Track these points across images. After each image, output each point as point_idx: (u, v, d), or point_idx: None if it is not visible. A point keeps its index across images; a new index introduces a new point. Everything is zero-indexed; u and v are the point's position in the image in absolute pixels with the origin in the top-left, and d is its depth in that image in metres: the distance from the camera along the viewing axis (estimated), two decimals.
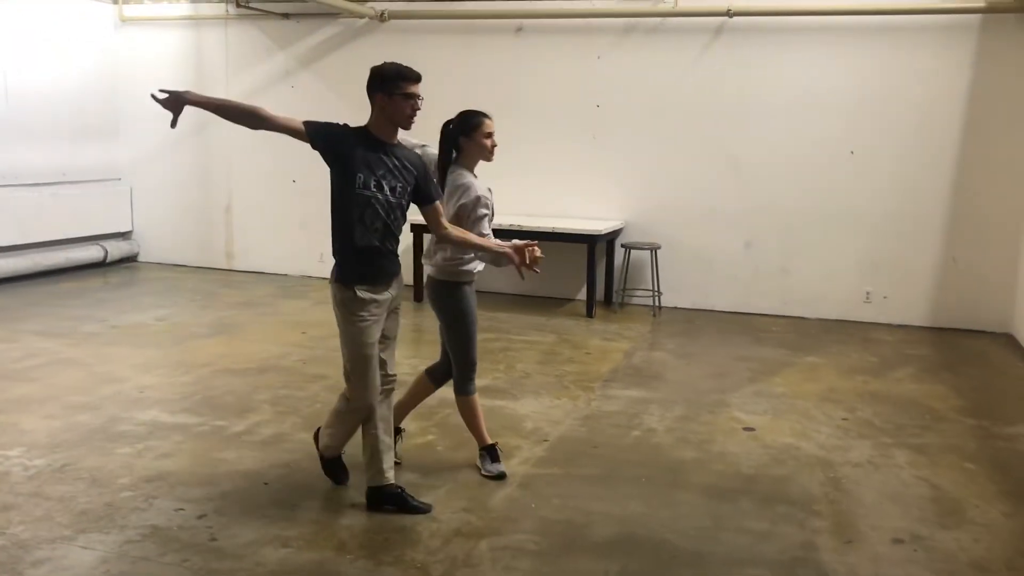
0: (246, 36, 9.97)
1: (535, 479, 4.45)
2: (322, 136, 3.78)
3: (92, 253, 10.06)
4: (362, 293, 3.84)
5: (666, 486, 4.42)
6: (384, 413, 4.06)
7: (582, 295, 8.79)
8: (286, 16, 9.72)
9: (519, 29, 9.01)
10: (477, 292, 4.55)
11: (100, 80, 10.28)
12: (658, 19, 8.57)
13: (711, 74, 8.48)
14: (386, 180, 3.85)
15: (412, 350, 6.78)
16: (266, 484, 4.29)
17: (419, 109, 3.93)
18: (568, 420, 5.36)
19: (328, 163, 3.85)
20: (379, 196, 3.83)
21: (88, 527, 3.79)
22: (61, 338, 7.00)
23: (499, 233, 8.65)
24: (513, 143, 9.11)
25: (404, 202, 3.95)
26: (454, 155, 4.47)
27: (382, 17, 9.32)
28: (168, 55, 10.35)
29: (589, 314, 8.32)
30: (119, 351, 6.68)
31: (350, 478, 4.28)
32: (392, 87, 3.85)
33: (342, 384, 4.07)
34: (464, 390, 4.46)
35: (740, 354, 7.09)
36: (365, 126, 3.91)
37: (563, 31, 8.87)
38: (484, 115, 4.45)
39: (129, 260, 10.63)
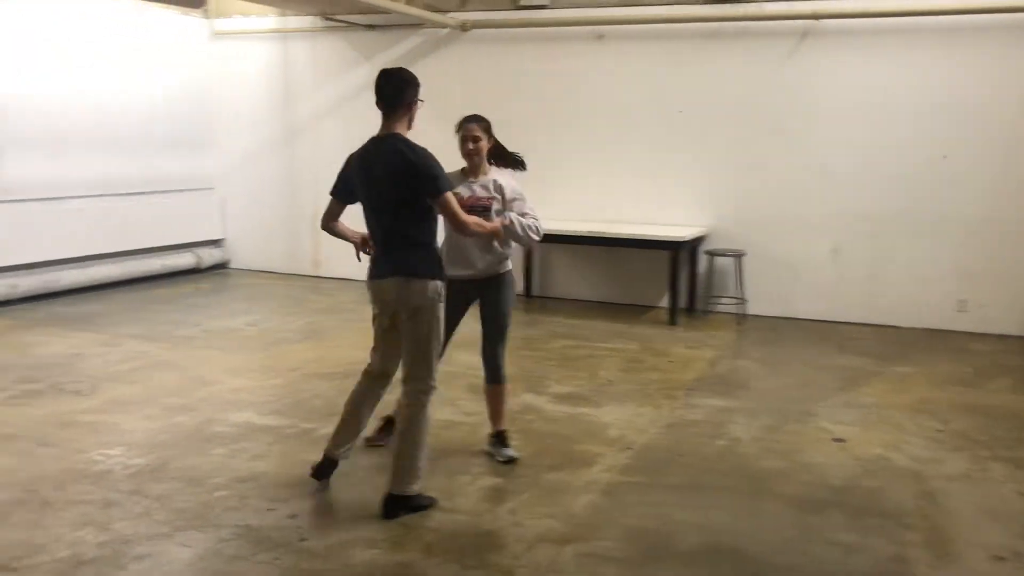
0: (333, 47, 10.20)
1: (619, 487, 4.44)
2: None
3: (186, 260, 10.41)
4: (443, 283, 4.08)
5: (752, 496, 4.36)
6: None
7: (665, 302, 8.72)
8: (371, 27, 9.91)
9: (600, 36, 9.00)
10: (557, 298, 4.54)
11: (193, 92, 10.63)
12: (742, 24, 8.47)
13: (797, 78, 8.34)
14: None
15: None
16: (353, 486, 4.38)
17: None
18: (652, 428, 5.33)
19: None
20: None
21: (185, 525, 3.93)
22: (158, 342, 7.26)
23: (581, 240, 8.69)
24: (595, 150, 9.15)
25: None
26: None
27: (464, 27, 9.43)
28: (258, 67, 10.65)
29: (672, 322, 8.25)
30: (212, 355, 6.90)
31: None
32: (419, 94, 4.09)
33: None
34: None
35: (827, 363, 6.95)
36: (405, 136, 4.01)
37: (645, 37, 8.84)
38: (468, 120, 4.69)
39: (221, 267, 10.96)
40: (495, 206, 4.62)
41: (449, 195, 3.96)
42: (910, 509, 4.22)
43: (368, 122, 4.22)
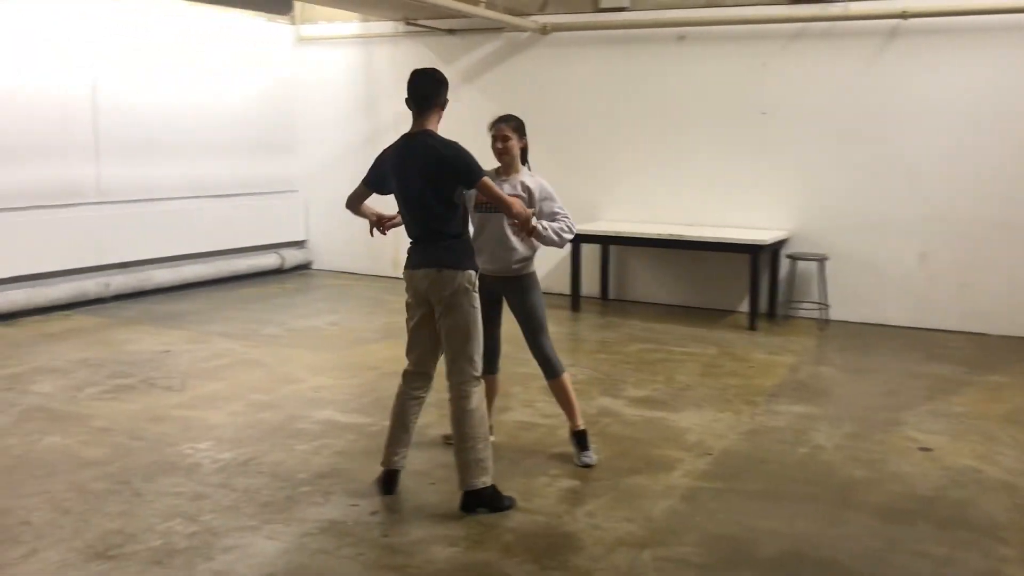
0: (413, 52, 10.32)
1: (698, 492, 4.40)
2: None
3: (270, 260, 10.67)
4: (476, 273, 4.20)
5: (836, 505, 4.28)
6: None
7: (744, 307, 8.60)
8: (451, 32, 10.01)
9: (682, 37, 8.93)
10: (635, 302, 4.51)
11: (279, 97, 10.89)
12: (828, 23, 8.31)
13: (884, 78, 8.14)
14: None
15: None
16: (432, 484, 4.44)
17: None
18: (732, 434, 5.27)
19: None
20: None
21: (271, 518, 4.03)
22: (244, 340, 7.46)
23: (659, 243, 8.63)
24: (675, 151, 9.08)
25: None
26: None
27: (544, 30, 9.45)
28: (341, 72, 10.85)
29: (752, 326, 8.13)
30: (296, 353, 7.06)
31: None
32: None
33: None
34: None
35: (915, 371, 6.77)
36: (435, 132, 4.19)
37: (727, 38, 8.73)
38: (499, 120, 4.80)
39: (304, 267, 11.20)
40: None
41: (486, 179, 4.11)
42: (1003, 522, 4.09)
43: (446, 124, 4.28)
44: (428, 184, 4.08)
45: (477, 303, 4.15)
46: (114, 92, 8.93)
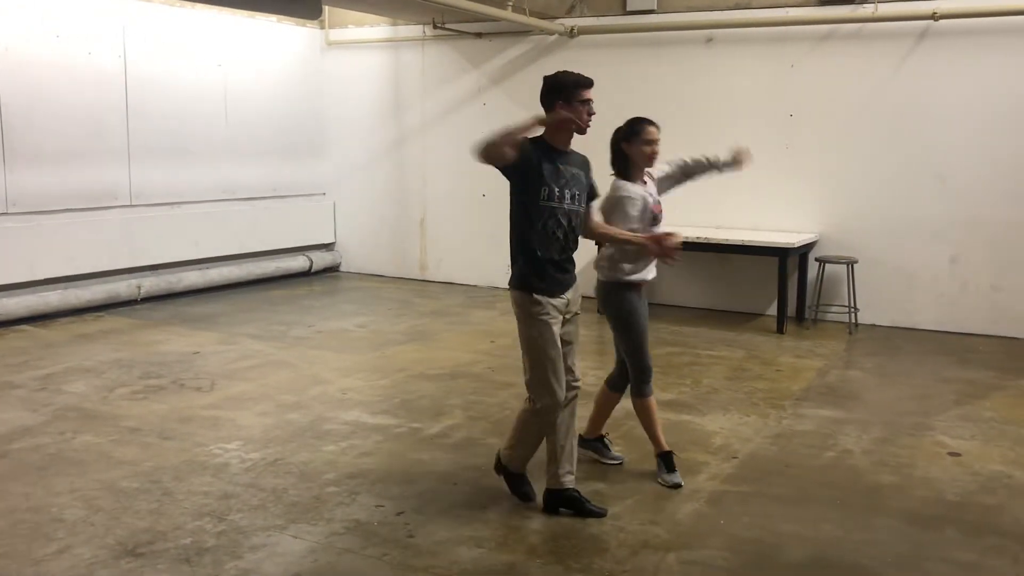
0: (441, 56, 10.38)
1: (724, 496, 4.39)
2: (523, 155, 3.89)
3: (299, 263, 10.75)
4: (539, 296, 4.00)
5: (863, 510, 4.25)
6: (565, 418, 4.13)
7: (772, 310, 8.55)
8: (479, 35, 10.04)
9: (709, 40, 8.91)
10: (663, 305, 4.50)
11: (308, 101, 10.99)
12: (856, 25, 8.25)
13: (914, 80, 8.07)
14: (568, 189, 4.00)
15: (597, 361, 6.81)
16: (455, 485, 4.46)
17: (593, 113, 4.08)
18: (758, 438, 5.25)
19: (514, 178, 3.98)
20: (563, 207, 3.98)
21: (298, 518, 4.07)
22: (272, 341, 7.53)
23: (687, 246, 8.59)
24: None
25: (583, 208, 4.12)
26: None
27: (571, 33, 9.47)
28: (369, 76, 10.92)
29: (780, 330, 8.08)
30: (324, 355, 7.11)
31: (536, 496, 4.26)
32: (571, 95, 4.02)
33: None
34: (638, 392, 4.55)
35: (944, 375, 6.70)
36: (541, 137, 4.02)
37: (755, 40, 8.70)
38: (648, 122, 4.68)
39: (332, 270, 11.28)
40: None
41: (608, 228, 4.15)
42: None
43: (475, 126, 4.30)
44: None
45: (538, 326, 3.98)
46: (145, 98, 9.05)
